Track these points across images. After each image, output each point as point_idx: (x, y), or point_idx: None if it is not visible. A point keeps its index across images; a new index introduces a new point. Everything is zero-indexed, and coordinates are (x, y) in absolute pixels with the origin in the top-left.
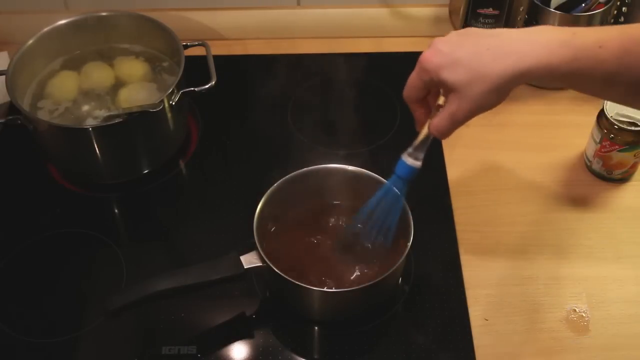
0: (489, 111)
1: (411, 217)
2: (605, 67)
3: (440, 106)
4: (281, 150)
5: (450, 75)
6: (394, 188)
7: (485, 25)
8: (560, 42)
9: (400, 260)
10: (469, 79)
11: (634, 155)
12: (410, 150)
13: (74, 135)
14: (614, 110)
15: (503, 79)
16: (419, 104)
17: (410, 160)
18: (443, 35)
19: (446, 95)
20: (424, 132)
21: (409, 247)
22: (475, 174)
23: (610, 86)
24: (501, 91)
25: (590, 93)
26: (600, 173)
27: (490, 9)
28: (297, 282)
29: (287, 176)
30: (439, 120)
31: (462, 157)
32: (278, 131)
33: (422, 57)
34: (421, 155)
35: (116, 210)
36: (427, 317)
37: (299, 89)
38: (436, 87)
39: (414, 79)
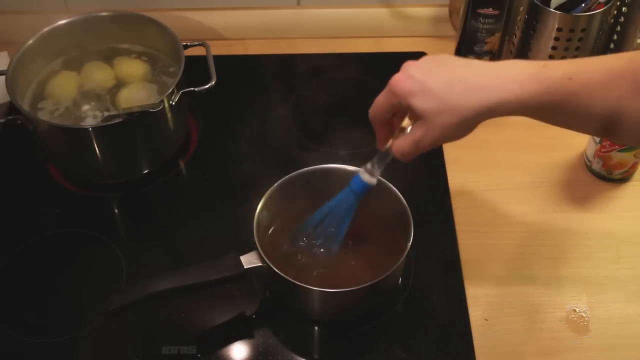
0: None
1: (411, 217)
2: (576, 100)
3: (403, 128)
4: (281, 150)
5: (419, 103)
6: (346, 200)
7: (486, 25)
8: (530, 76)
9: (400, 260)
10: (437, 109)
11: (634, 155)
12: (368, 166)
13: (74, 135)
14: None
15: (472, 113)
16: (383, 123)
17: (367, 176)
18: (443, 35)
19: (413, 120)
20: (384, 150)
21: (409, 247)
22: (475, 174)
23: (583, 119)
24: (469, 124)
25: (565, 126)
26: (600, 173)
27: (490, 9)
28: (297, 282)
29: (287, 176)
30: (403, 143)
31: (462, 157)
32: (278, 131)
33: (392, 80)
34: (378, 172)
35: (116, 210)
36: (427, 317)
37: (299, 89)
38: (403, 110)
39: (381, 101)
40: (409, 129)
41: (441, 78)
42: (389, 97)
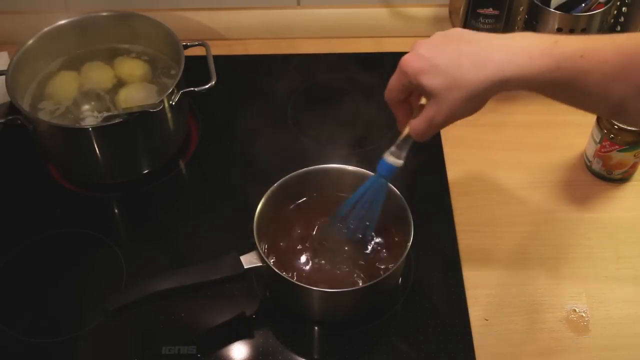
0: (488, 111)
1: (411, 217)
2: (586, 77)
3: (422, 106)
4: (281, 150)
5: (429, 81)
6: (375, 185)
7: (486, 25)
8: (541, 51)
9: (400, 260)
10: (447, 86)
11: (634, 155)
12: (392, 149)
13: (74, 135)
14: None
15: (481, 87)
16: (400, 104)
17: (392, 159)
18: None
19: (426, 99)
20: (406, 131)
21: (409, 247)
22: (475, 174)
23: (592, 98)
24: (479, 99)
25: (574, 105)
26: (600, 173)
27: (490, 9)
28: (297, 282)
29: (287, 176)
30: (417, 123)
31: (462, 157)
32: (278, 131)
33: (402, 60)
34: (403, 154)
35: (116, 210)
36: (427, 317)
37: (299, 89)
38: (417, 90)
39: (394, 82)
40: None
41: (449, 54)
42: (400, 77)
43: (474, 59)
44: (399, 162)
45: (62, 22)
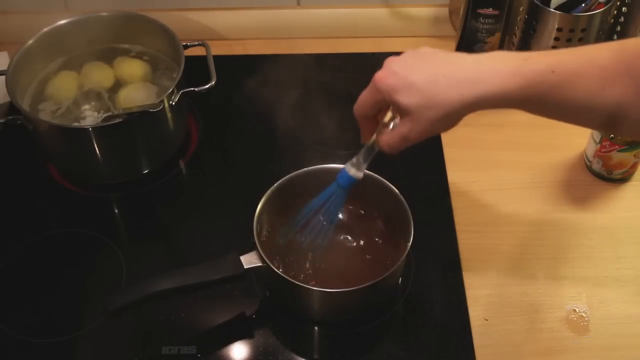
0: (488, 111)
1: (411, 217)
2: (559, 92)
3: (386, 124)
4: (281, 150)
5: (404, 99)
6: (335, 195)
7: (486, 25)
8: (513, 69)
9: (400, 260)
10: (422, 104)
11: (634, 155)
12: (354, 160)
13: (74, 135)
14: None
15: (456, 106)
16: (368, 119)
17: (353, 170)
18: (443, 35)
19: (398, 115)
20: (369, 144)
21: (409, 247)
22: (475, 174)
23: (568, 111)
24: (454, 117)
25: (553, 118)
26: (600, 173)
27: (490, 9)
28: (297, 282)
29: (287, 176)
30: (390, 139)
31: (462, 157)
32: (278, 131)
33: (376, 77)
34: (364, 166)
35: (116, 210)
36: (427, 317)
37: (299, 89)
38: (387, 106)
39: (366, 97)
40: (392, 124)
41: (424, 73)
42: (373, 94)
43: (448, 78)
44: (359, 174)
45: (62, 22)
